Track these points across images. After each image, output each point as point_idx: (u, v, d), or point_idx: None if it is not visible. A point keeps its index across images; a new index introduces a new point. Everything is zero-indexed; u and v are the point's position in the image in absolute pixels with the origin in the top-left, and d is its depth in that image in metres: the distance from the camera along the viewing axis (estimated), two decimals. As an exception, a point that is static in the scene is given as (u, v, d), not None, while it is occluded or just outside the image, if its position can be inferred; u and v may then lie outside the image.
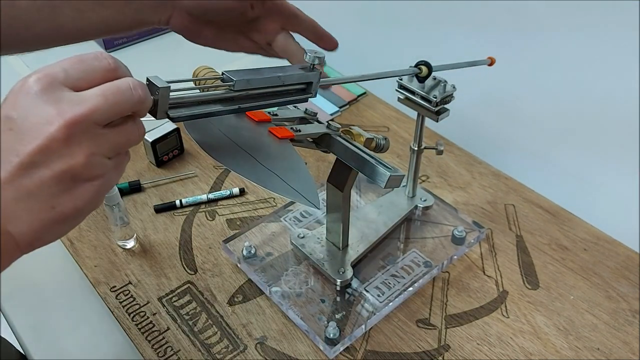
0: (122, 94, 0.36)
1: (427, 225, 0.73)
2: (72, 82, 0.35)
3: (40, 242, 0.36)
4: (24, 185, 0.34)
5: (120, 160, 0.38)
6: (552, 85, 0.82)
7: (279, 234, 0.72)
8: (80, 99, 0.34)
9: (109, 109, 0.35)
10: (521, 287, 0.68)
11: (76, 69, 0.36)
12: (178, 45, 1.14)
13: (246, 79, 0.46)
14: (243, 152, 0.48)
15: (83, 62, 0.36)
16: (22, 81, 0.35)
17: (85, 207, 0.36)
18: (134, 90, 0.36)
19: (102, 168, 0.36)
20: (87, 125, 0.34)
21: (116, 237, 0.72)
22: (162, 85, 0.40)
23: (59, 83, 0.35)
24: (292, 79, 0.50)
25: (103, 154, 0.36)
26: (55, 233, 0.36)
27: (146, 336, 0.63)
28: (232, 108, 0.46)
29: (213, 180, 0.82)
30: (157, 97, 0.40)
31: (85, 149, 0.34)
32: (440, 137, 0.89)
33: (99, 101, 0.35)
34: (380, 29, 1.04)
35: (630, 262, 0.70)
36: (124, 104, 0.36)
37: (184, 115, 0.43)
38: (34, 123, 0.33)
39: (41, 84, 0.34)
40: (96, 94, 0.35)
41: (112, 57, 0.37)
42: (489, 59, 0.67)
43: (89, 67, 0.36)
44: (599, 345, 0.62)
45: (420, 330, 0.63)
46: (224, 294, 0.67)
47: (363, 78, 0.56)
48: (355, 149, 0.55)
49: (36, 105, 0.34)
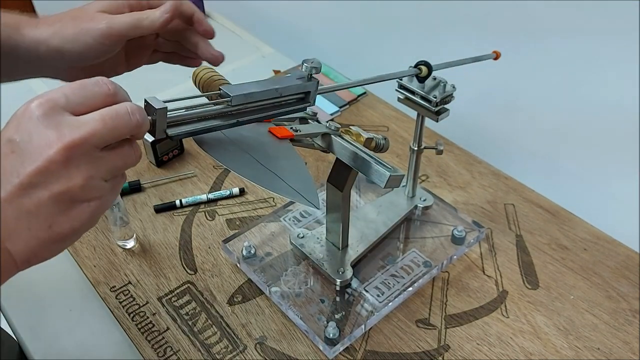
0: (120, 119, 0.37)
1: (426, 225, 0.73)
2: (73, 107, 0.37)
3: (36, 260, 0.38)
4: (23, 205, 0.35)
5: (116, 182, 0.40)
6: (552, 85, 0.82)
7: (278, 233, 0.72)
8: (79, 123, 0.36)
9: (107, 133, 0.37)
10: (521, 287, 0.68)
11: (77, 94, 0.37)
12: (178, 45, 1.15)
13: (243, 94, 0.47)
14: (243, 152, 0.48)
15: (84, 88, 0.38)
16: (25, 105, 0.36)
17: (82, 227, 0.38)
18: (132, 115, 0.38)
19: (99, 190, 0.38)
20: (86, 148, 0.36)
21: (116, 237, 0.72)
22: (159, 107, 0.41)
23: (60, 108, 0.36)
24: (289, 90, 0.50)
25: (100, 177, 0.38)
26: (51, 251, 0.38)
27: (146, 336, 0.63)
28: (230, 122, 0.47)
29: (213, 180, 0.82)
30: (155, 117, 0.41)
31: (83, 171, 0.36)
32: (440, 137, 0.89)
33: (97, 125, 0.36)
34: (380, 29, 1.04)
35: (630, 261, 0.70)
36: (122, 128, 0.38)
37: (182, 132, 0.44)
38: (35, 146, 0.35)
39: (43, 109, 0.36)
40: (95, 119, 0.36)
41: (112, 82, 0.39)
42: (494, 52, 0.67)
43: (89, 92, 0.38)
44: (599, 345, 0.62)
45: (420, 330, 0.63)
46: (224, 294, 0.67)
47: (362, 82, 0.57)
48: (355, 149, 0.55)
49: (38, 129, 0.35)
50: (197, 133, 0.45)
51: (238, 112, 0.48)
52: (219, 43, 0.63)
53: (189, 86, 0.56)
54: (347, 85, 0.56)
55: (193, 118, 0.45)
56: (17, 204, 0.35)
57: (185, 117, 0.44)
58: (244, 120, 0.48)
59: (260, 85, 0.49)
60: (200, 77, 0.56)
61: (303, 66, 0.50)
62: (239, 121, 0.48)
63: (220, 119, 0.47)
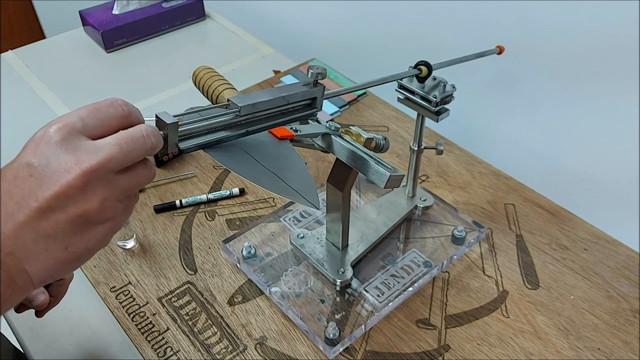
0: (135, 142, 0.38)
1: (427, 225, 0.73)
2: (89, 131, 0.38)
3: (50, 279, 0.38)
4: (41, 228, 0.36)
5: (129, 202, 0.41)
6: (553, 85, 0.82)
7: (278, 234, 0.72)
8: (96, 148, 0.37)
9: (123, 157, 0.38)
10: (521, 286, 0.68)
11: (92, 117, 0.38)
12: (178, 46, 1.15)
13: (251, 104, 0.47)
14: (242, 152, 0.48)
15: (99, 111, 0.39)
16: (43, 130, 0.37)
17: (95, 246, 0.39)
18: (147, 139, 0.39)
19: (113, 211, 0.39)
20: (102, 173, 0.37)
21: (116, 237, 0.72)
22: (170, 121, 0.41)
23: (77, 132, 0.37)
24: (296, 97, 0.51)
25: (115, 199, 0.38)
26: (65, 270, 0.39)
27: (146, 336, 0.63)
28: (240, 132, 0.48)
29: (213, 180, 0.82)
30: (167, 132, 0.41)
31: (99, 195, 0.37)
32: (440, 137, 0.89)
33: (113, 150, 0.37)
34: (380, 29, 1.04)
35: (630, 261, 0.70)
36: (137, 152, 0.39)
37: (194, 145, 0.45)
38: (54, 171, 0.36)
39: (61, 134, 0.36)
40: (111, 144, 0.37)
41: (125, 103, 0.40)
42: (498, 47, 0.67)
43: (104, 115, 0.38)
44: (599, 345, 0.62)
45: (420, 331, 0.63)
46: (224, 294, 0.67)
47: (365, 86, 0.57)
48: (355, 149, 0.55)
49: (56, 154, 0.36)
50: (208, 145, 0.46)
51: (247, 122, 0.48)
52: (219, 43, 0.63)
53: (189, 86, 0.56)
54: (350, 89, 0.57)
55: (203, 130, 0.46)
56: (35, 227, 0.36)
57: (196, 130, 0.45)
58: (252, 130, 0.49)
59: (267, 93, 0.49)
60: (200, 77, 0.56)
61: (309, 73, 0.51)
62: (248, 131, 0.48)
63: (230, 129, 0.47)
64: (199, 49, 1.13)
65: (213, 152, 0.46)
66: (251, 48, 1.13)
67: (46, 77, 1.05)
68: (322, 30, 1.17)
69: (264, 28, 1.28)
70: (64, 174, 0.36)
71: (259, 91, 0.49)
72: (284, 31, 1.26)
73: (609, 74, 0.74)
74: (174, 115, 0.42)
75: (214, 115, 0.47)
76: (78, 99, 1.00)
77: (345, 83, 0.99)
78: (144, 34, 1.14)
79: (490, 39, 0.76)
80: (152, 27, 1.14)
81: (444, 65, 0.61)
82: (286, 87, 0.51)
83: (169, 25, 1.16)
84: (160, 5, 1.15)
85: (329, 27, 1.15)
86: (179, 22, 1.18)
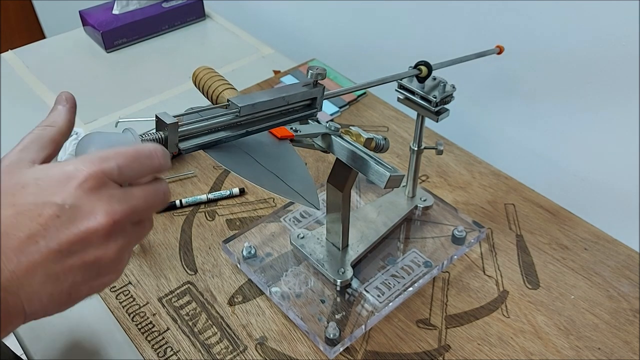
0: (158, 198, 0.39)
1: (427, 225, 0.73)
2: (122, 180, 0.37)
3: (44, 316, 0.37)
4: (52, 270, 0.35)
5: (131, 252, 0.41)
6: (553, 85, 0.82)
7: (278, 234, 0.72)
8: (126, 198, 0.37)
9: (143, 212, 0.38)
10: (521, 286, 0.68)
11: (129, 168, 0.37)
12: (178, 46, 1.15)
13: (251, 104, 0.47)
14: (242, 153, 0.48)
15: (137, 161, 0.38)
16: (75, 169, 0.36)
17: (92, 294, 0.39)
18: (165, 196, 0.40)
19: (123, 262, 0.39)
20: (126, 223, 0.37)
21: (116, 237, 0.72)
22: (170, 122, 0.41)
23: (110, 182, 0.37)
24: (296, 97, 0.51)
25: (128, 248, 0.38)
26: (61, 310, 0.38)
27: (146, 336, 0.63)
28: (240, 133, 0.48)
29: (213, 180, 0.82)
30: (167, 132, 0.42)
31: (119, 244, 0.37)
32: (440, 137, 0.89)
33: (139, 203, 0.38)
34: (380, 29, 1.04)
35: (630, 261, 0.70)
36: (156, 207, 0.39)
37: (194, 145, 0.45)
38: (82, 215, 0.35)
39: (95, 182, 0.36)
40: (138, 197, 0.38)
41: (164, 155, 0.39)
42: (498, 47, 0.67)
43: (142, 166, 0.38)
44: (600, 345, 0.62)
45: (420, 331, 0.63)
46: (224, 295, 0.67)
47: (364, 86, 0.57)
48: (355, 149, 0.55)
49: (88, 199, 0.35)
50: (208, 146, 0.46)
51: (247, 122, 0.48)
52: (219, 43, 0.63)
53: (189, 86, 0.56)
54: (350, 89, 0.57)
55: (203, 130, 0.46)
56: (46, 269, 0.35)
57: (196, 130, 0.45)
58: (252, 130, 0.49)
59: (267, 94, 0.49)
60: (200, 77, 0.56)
61: (308, 73, 0.51)
62: (248, 131, 0.48)
63: (230, 129, 0.47)
64: (199, 49, 1.13)
65: (213, 152, 0.46)
66: (251, 48, 1.13)
67: (46, 77, 1.05)
68: (322, 30, 1.17)
69: (264, 28, 1.28)
70: (92, 220, 0.35)
71: (259, 91, 0.50)
72: (284, 31, 1.26)
73: (609, 74, 0.74)
74: (174, 115, 0.42)
75: (214, 116, 0.47)
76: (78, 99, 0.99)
77: (345, 83, 0.99)
78: (144, 34, 1.14)
79: (490, 39, 0.76)
80: (152, 27, 1.14)
81: (444, 65, 0.61)
82: (286, 87, 0.51)
83: (168, 26, 1.16)
84: (160, 6, 1.15)
85: (329, 27, 1.15)
86: (179, 22, 1.18)
